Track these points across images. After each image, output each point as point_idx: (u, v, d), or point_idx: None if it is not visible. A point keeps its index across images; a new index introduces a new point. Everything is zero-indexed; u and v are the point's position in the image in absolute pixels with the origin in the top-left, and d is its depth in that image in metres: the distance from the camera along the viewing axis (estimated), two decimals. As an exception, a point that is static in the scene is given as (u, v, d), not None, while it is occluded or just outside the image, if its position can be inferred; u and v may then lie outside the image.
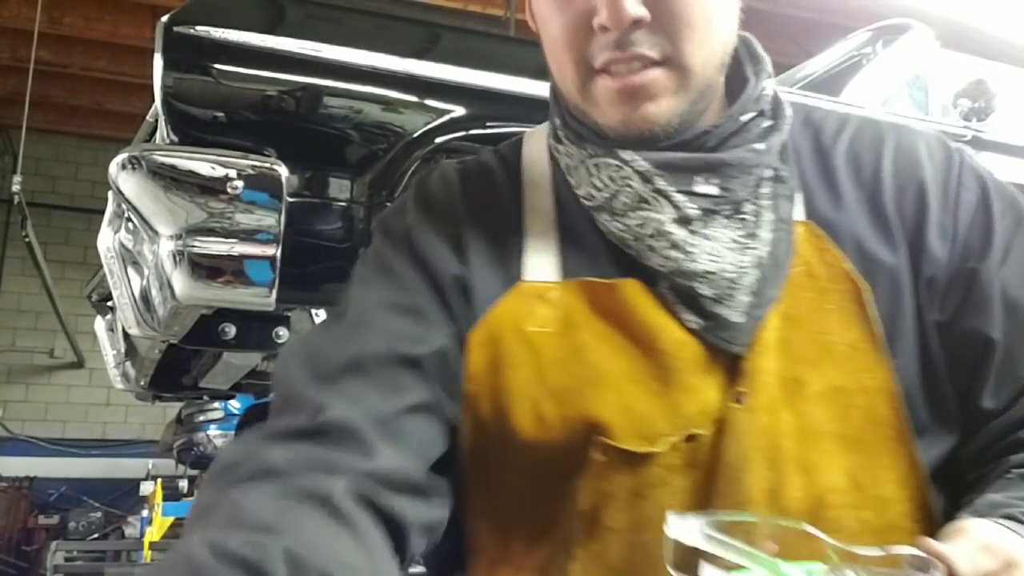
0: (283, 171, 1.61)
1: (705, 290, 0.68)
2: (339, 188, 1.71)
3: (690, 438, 0.68)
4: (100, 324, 2.82)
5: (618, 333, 0.69)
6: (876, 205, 0.73)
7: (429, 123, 1.77)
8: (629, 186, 0.70)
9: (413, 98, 1.78)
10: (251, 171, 1.58)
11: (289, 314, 1.83)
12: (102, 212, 1.94)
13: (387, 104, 1.76)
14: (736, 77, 0.75)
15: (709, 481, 0.68)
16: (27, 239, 6.21)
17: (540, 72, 2.06)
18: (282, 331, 1.80)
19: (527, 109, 1.85)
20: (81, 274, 7.21)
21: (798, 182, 0.74)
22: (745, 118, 0.71)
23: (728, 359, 0.69)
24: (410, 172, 1.78)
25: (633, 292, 0.70)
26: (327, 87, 1.70)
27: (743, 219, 0.69)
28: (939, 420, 0.71)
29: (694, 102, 0.69)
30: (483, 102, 1.85)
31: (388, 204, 1.76)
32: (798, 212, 0.73)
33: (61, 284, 7.59)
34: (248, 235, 1.58)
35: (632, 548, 0.68)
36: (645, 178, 0.69)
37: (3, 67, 6.86)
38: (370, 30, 1.88)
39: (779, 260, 0.70)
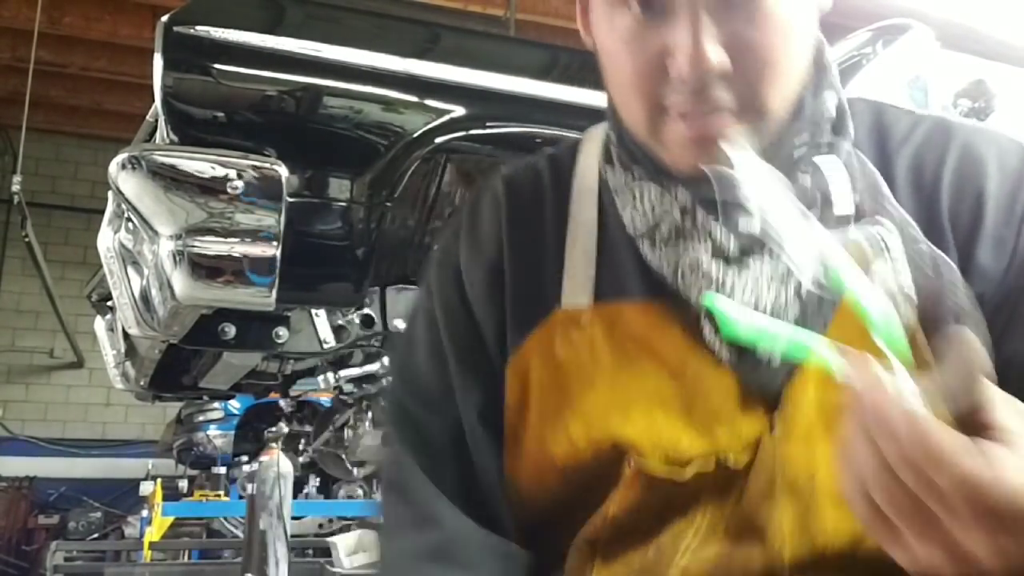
0: (283, 171, 1.61)
1: None
2: (339, 188, 1.71)
3: (720, 465, 0.67)
4: (100, 324, 2.82)
5: (650, 358, 0.68)
6: (931, 214, 0.69)
7: (429, 123, 1.77)
8: (671, 216, 0.68)
9: (413, 98, 1.78)
10: (251, 171, 1.58)
11: (289, 314, 1.83)
12: (102, 212, 1.94)
13: (387, 104, 1.76)
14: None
15: (737, 507, 0.67)
16: (27, 239, 6.21)
17: (540, 72, 2.06)
18: (282, 331, 1.80)
19: (527, 109, 1.85)
20: (81, 274, 7.20)
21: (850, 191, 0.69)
22: (799, 140, 0.68)
23: (768, 390, 0.67)
24: (410, 172, 1.78)
25: (668, 319, 0.68)
26: (327, 87, 1.70)
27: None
28: None
29: (766, 140, 0.65)
30: (483, 102, 1.85)
31: (388, 204, 1.76)
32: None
33: (61, 284, 7.59)
34: (248, 235, 1.57)
35: (658, 550, 0.68)
36: (684, 211, 0.68)
37: (3, 67, 6.85)
38: (370, 30, 1.88)
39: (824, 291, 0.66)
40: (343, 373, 2.35)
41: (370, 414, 2.74)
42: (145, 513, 6.14)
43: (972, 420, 0.47)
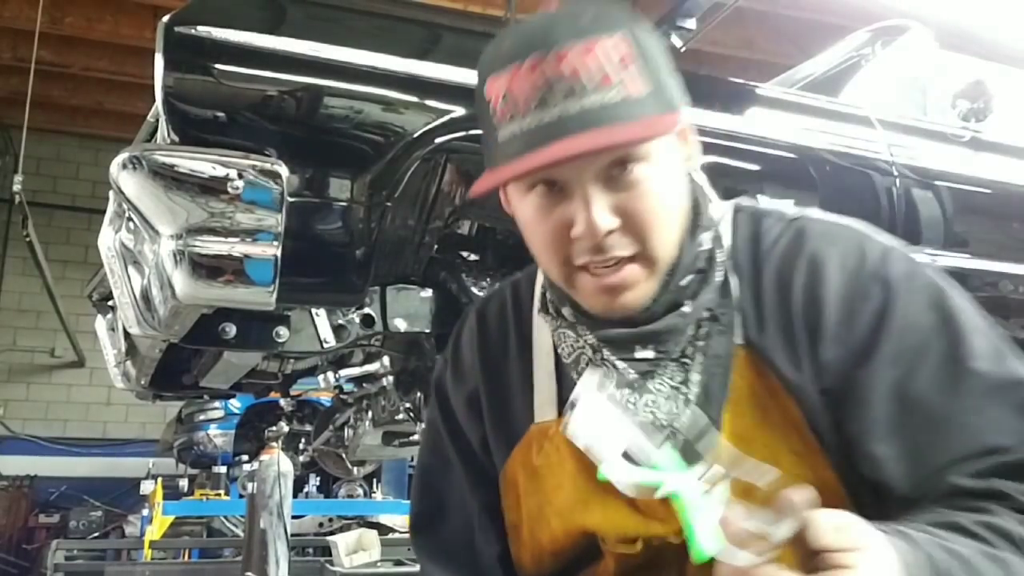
0: (283, 171, 1.61)
1: (648, 435, 0.79)
2: (339, 188, 1.71)
3: (661, 541, 0.83)
4: (101, 323, 2.82)
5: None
6: (788, 327, 0.82)
7: (429, 123, 1.77)
8: (584, 354, 0.86)
9: (413, 98, 1.78)
10: (251, 171, 1.58)
11: (289, 314, 1.83)
12: (103, 212, 1.94)
13: (387, 104, 1.76)
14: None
15: (693, 568, 0.73)
16: (28, 239, 6.22)
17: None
18: (282, 331, 1.81)
19: (526, 109, 1.86)
20: (82, 273, 7.21)
21: (738, 306, 0.84)
22: (684, 282, 0.83)
23: None
24: (410, 172, 1.79)
25: None
26: (327, 87, 1.71)
27: (683, 363, 0.83)
28: (878, 502, 0.79)
29: (664, 280, 0.82)
30: (483, 102, 1.85)
31: (388, 204, 1.77)
32: (738, 336, 0.83)
33: (62, 283, 7.60)
34: (248, 235, 1.58)
35: None
36: (595, 348, 0.85)
37: (4, 67, 6.86)
38: (370, 30, 1.88)
39: (712, 394, 0.82)
40: (343, 372, 2.35)
41: (370, 414, 2.75)
42: (146, 512, 6.15)
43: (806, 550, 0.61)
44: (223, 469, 6.56)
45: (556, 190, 0.78)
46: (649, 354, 0.82)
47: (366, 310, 2.00)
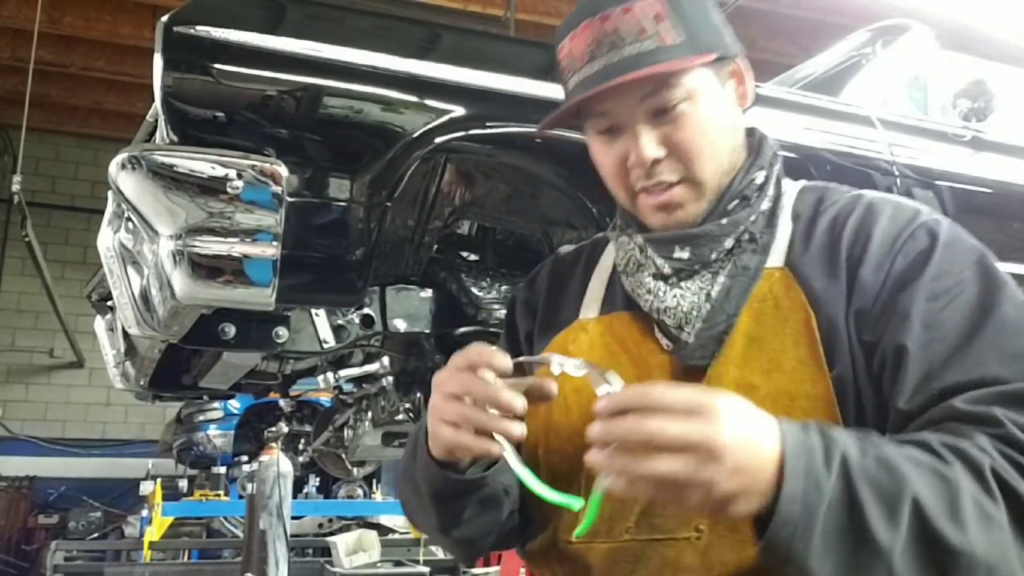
0: (283, 171, 1.61)
1: (669, 321, 0.95)
2: (339, 188, 1.70)
3: None
4: (100, 324, 2.82)
5: (622, 351, 1.00)
6: (832, 252, 0.94)
7: (429, 123, 1.77)
8: (633, 255, 1.00)
9: (413, 98, 1.78)
10: (251, 171, 1.58)
11: (288, 314, 1.83)
12: (102, 212, 1.94)
13: (387, 104, 1.75)
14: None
15: None
16: (27, 239, 6.22)
17: (539, 72, 2.05)
18: (281, 331, 1.80)
19: (527, 109, 1.85)
20: (81, 274, 7.21)
21: (788, 239, 0.97)
22: (731, 206, 0.96)
23: (697, 369, 0.93)
24: (410, 172, 1.78)
25: (634, 322, 1.00)
26: (327, 87, 1.70)
27: (713, 272, 0.95)
28: (863, 423, 0.86)
29: (712, 201, 0.96)
30: (483, 102, 1.85)
31: (388, 204, 1.76)
32: (776, 260, 0.96)
33: (61, 284, 7.60)
34: (248, 235, 1.57)
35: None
36: (641, 248, 0.99)
37: (3, 67, 6.86)
38: (370, 30, 1.88)
39: (731, 296, 0.94)
40: (343, 373, 2.35)
41: (370, 414, 2.74)
42: (145, 513, 6.15)
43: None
44: (223, 470, 6.56)
45: (615, 131, 0.95)
46: (685, 255, 0.95)
47: (366, 310, 1.99)
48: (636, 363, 0.98)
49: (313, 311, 1.89)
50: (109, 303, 2.60)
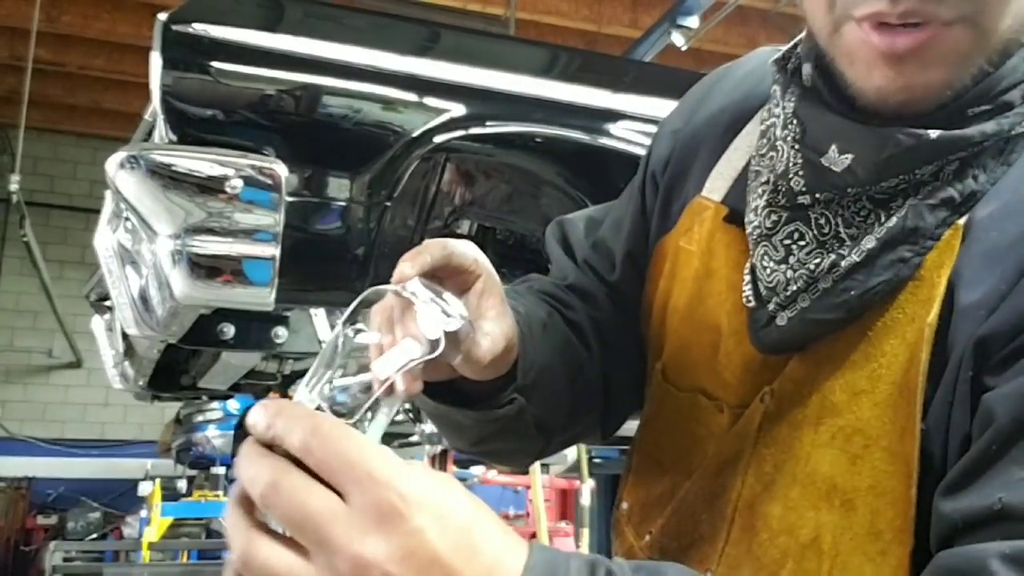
0: (283, 171, 1.60)
1: (762, 278, 0.60)
2: (339, 187, 1.70)
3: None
4: (98, 324, 2.81)
5: (727, 267, 0.67)
6: (1016, 252, 0.54)
7: (429, 122, 1.76)
8: (772, 129, 0.62)
9: (413, 98, 1.77)
10: (250, 171, 1.57)
11: (288, 314, 1.82)
12: (100, 211, 1.93)
13: (387, 104, 1.75)
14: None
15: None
16: (25, 238, 6.21)
17: (540, 72, 2.05)
18: (281, 331, 1.80)
19: (527, 108, 1.85)
20: (79, 274, 7.20)
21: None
22: (977, 110, 0.54)
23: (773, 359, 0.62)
24: (410, 172, 1.78)
25: (734, 243, 0.66)
26: (327, 87, 1.70)
27: (889, 207, 0.55)
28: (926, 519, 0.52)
29: (980, 74, 0.53)
30: (483, 101, 1.84)
31: (388, 204, 1.76)
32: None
33: (59, 284, 7.59)
34: (247, 235, 1.57)
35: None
36: (784, 124, 0.60)
37: (1, 66, 6.85)
38: (370, 30, 1.88)
39: (870, 275, 0.55)
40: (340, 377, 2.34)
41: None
42: (144, 513, 6.14)
43: None
44: (222, 470, 6.55)
45: None
46: (847, 160, 0.54)
47: (366, 310, 1.99)
48: (737, 290, 0.64)
49: (312, 311, 1.89)
50: (108, 303, 2.59)
